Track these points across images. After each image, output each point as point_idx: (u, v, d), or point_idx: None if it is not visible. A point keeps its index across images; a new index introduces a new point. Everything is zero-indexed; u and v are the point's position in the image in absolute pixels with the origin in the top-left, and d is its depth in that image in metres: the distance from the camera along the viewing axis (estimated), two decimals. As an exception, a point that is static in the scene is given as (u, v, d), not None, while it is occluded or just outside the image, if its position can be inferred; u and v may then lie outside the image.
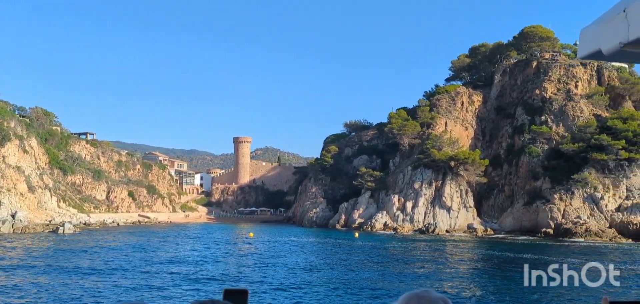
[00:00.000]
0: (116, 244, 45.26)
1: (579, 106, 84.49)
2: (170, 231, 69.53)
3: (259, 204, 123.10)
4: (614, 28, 1.70)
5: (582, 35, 2.00)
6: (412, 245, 49.60)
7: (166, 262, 33.33)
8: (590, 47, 1.91)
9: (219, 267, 30.41)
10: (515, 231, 73.16)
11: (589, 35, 1.93)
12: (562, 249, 46.97)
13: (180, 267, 30.31)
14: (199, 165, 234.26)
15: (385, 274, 29.08)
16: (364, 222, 77.70)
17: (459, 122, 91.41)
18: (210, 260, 34.26)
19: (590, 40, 1.91)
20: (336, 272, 29.86)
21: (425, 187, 78.06)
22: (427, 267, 32.65)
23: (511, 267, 33.90)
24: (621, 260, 39.93)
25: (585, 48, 1.95)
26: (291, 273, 28.74)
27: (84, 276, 25.63)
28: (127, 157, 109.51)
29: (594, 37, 1.88)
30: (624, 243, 54.85)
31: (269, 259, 35.80)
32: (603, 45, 1.80)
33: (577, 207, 68.75)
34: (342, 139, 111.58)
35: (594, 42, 1.88)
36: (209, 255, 37.09)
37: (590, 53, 1.93)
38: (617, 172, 71.87)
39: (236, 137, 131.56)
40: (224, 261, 34.19)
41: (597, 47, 1.84)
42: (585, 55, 1.99)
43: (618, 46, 1.69)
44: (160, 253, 38.51)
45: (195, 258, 35.52)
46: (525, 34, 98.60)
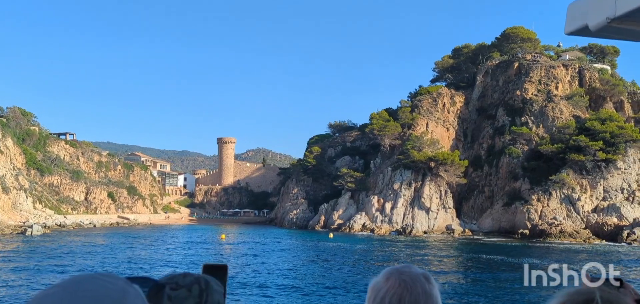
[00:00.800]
0: (82, 245, 44.43)
1: (559, 107, 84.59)
2: (146, 232, 68.63)
3: (242, 206, 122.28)
4: (601, 3, 1.69)
5: (569, 10, 1.94)
6: (383, 246, 49.16)
7: (123, 263, 32.62)
8: (578, 22, 1.86)
9: (171, 270, 29.75)
10: (494, 232, 73.03)
11: (576, 10, 1.89)
12: (532, 251, 46.75)
13: (133, 270, 29.60)
14: (190, 166, 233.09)
15: (337, 276, 28.56)
16: (343, 224, 77.26)
17: (441, 123, 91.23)
18: (166, 263, 33.57)
19: (577, 16, 1.87)
20: (290, 272, 29.31)
21: (404, 188, 77.73)
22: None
23: (475, 267, 33.55)
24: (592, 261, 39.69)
25: (573, 24, 1.90)
26: (247, 275, 28.18)
27: (19, 275, 24.88)
28: (108, 158, 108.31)
29: (581, 13, 1.84)
30: (597, 244, 54.76)
31: (230, 260, 35.15)
32: (590, 20, 1.76)
33: (554, 208, 68.71)
34: (326, 140, 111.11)
35: (581, 18, 1.83)
36: (167, 258, 36.38)
37: (577, 29, 1.88)
38: (595, 173, 71.92)
39: (220, 137, 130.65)
40: (181, 263, 33.52)
41: (585, 23, 1.80)
42: (572, 31, 1.93)
43: (605, 21, 1.67)
44: (120, 254, 37.76)
45: (152, 260, 34.81)
46: (507, 35, 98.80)
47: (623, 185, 70.31)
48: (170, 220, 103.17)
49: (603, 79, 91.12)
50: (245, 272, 29.11)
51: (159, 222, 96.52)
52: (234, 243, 50.33)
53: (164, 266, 32.31)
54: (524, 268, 40.03)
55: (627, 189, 69.84)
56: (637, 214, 64.30)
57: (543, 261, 36.29)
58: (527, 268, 39.30)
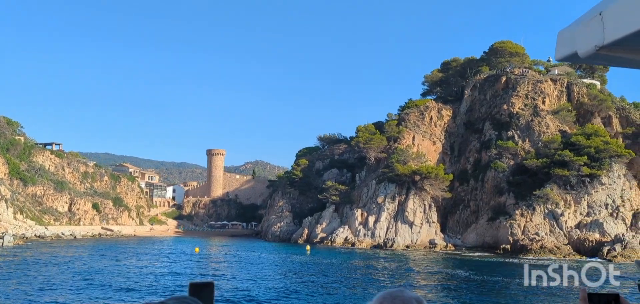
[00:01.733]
0: (50, 257, 43.60)
1: (545, 122, 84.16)
2: (123, 244, 67.69)
3: (231, 218, 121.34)
4: (590, 31, 1.73)
5: (559, 37, 1.99)
6: (360, 261, 48.31)
7: (77, 274, 31.83)
8: (567, 49, 1.92)
9: (130, 283, 28.98)
10: (477, 247, 72.17)
11: (565, 37, 1.94)
12: (508, 267, 45.91)
13: (86, 284, 28.81)
14: (188, 177, 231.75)
15: (297, 291, 27.79)
16: (325, 237, 76.37)
17: (427, 137, 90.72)
18: (128, 276, 32.77)
19: (567, 43, 1.92)
20: (252, 286, 28.54)
21: (388, 201, 76.98)
22: (352, 285, 31.39)
23: (445, 283, 32.75)
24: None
25: (562, 50, 1.96)
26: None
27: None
28: (95, 169, 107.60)
29: (570, 40, 1.89)
30: (577, 260, 53.85)
31: (192, 274, 34.38)
32: (579, 47, 1.81)
33: (538, 223, 67.93)
34: (315, 153, 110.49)
35: (570, 45, 1.89)
36: (126, 271, 35.56)
37: (567, 55, 1.94)
38: (579, 188, 71.25)
39: (209, 149, 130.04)
40: (139, 276, 32.72)
41: (574, 50, 1.85)
42: (562, 58, 1.99)
43: (593, 49, 1.71)
44: (82, 266, 36.95)
45: (113, 273, 34.00)
46: (495, 49, 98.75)
47: (607, 201, 69.63)
48: (154, 232, 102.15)
49: (591, 94, 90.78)
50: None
51: (143, 234, 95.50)
52: (206, 256, 49.49)
53: (123, 279, 31.52)
54: (524, 268, 39.17)
55: (611, 205, 69.13)
56: (620, 230, 63.55)
57: (513, 279, 35.55)
58: (527, 268, 38.40)
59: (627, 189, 70.92)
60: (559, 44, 2.03)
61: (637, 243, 56.89)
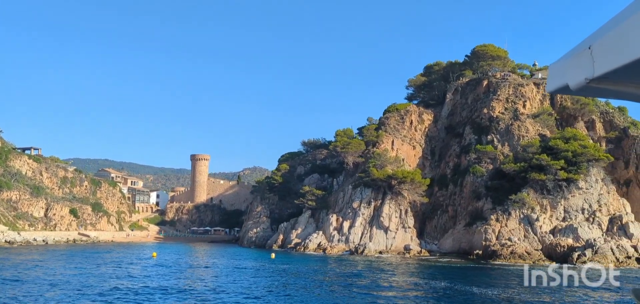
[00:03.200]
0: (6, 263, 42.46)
1: (525, 126, 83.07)
2: (91, 250, 66.48)
3: (214, 224, 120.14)
4: (580, 64, 1.77)
5: (550, 70, 2.02)
6: (323, 267, 47.09)
7: (8, 283, 30.69)
8: (559, 82, 1.96)
9: (64, 287, 27.87)
10: (453, 252, 70.89)
11: (557, 70, 1.97)
12: (473, 273, 44.70)
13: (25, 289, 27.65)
14: (184, 183, 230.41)
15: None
16: (299, 243, 75.10)
17: (407, 141, 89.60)
18: (55, 284, 31.60)
19: (558, 76, 1.97)
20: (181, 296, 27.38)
21: (364, 206, 75.78)
22: (287, 293, 30.18)
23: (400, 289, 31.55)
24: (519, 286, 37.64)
25: (554, 82, 2.00)
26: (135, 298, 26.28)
27: None
28: (74, 174, 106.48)
29: (561, 73, 1.93)
30: (546, 265, 52.54)
31: (131, 281, 33.21)
32: (570, 80, 1.87)
33: (512, 228, 66.69)
34: (297, 158, 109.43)
35: (561, 77, 1.93)
36: (71, 277, 34.40)
37: (558, 87, 1.97)
38: (556, 193, 70.04)
39: (193, 154, 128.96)
40: (79, 280, 31.56)
41: (565, 82, 1.90)
42: (553, 90, 2.03)
43: (584, 82, 1.76)
44: (23, 273, 35.77)
45: (51, 281, 32.81)
46: (477, 52, 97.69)
47: (584, 205, 68.40)
48: (132, 238, 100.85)
49: (574, 98, 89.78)
50: (131, 293, 27.17)
51: (120, 240, 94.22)
52: (161, 262, 48.30)
53: (53, 287, 30.35)
54: (524, 268, 37.94)
55: (587, 210, 67.90)
56: (595, 235, 62.29)
57: (469, 287, 34.35)
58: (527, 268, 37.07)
59: (604, 193, 69.69)
60: (551, 76, 2.02)
61: (609, 248, 55.64)
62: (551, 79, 2.05)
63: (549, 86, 2.07)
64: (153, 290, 28.03)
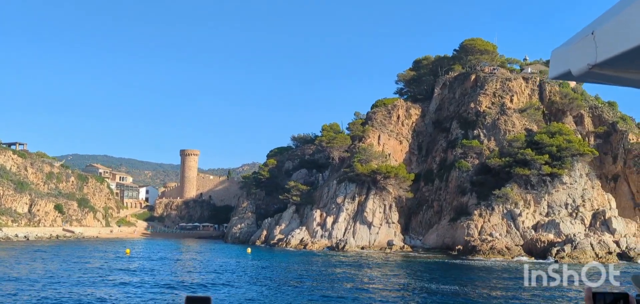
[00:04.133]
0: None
1: (511, 120, 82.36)
2: (74, 246, 65.82)
3: (203, 219, 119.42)
4: (583, 50, 1.79)
5: (553, 56, 2.04)
6: (299, 264, 46.42)
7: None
8: (561, 68, 1.98)
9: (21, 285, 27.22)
10: (436, 248, 70.30)
11: (559, 56, 1.99)
12: (444, 269, 44.05)
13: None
14: (177, 179, 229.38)
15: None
16: (282, 238, 74.47)
17: (394, 136, 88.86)
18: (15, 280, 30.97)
19: (560, 62, 1.98)
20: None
21: (348, 201, 75.12)
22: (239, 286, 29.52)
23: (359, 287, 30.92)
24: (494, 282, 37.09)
25: (556, 69, 2.01)
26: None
27: None
28: (61, 169, 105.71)
29: (564, 59, 1.94)
30: (524, 261, 51.97)
31: (93, 279, 32.58)
32: (573, 66, 1.88)
33: (495, 223, 66.09)
34: (286, 153, 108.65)
35: (564, 64, 1.94)
36: (31, 275, 33.75)
37: (561, 73, 2.00)
38: (540, 188, 69.46)
39: (183, 149, 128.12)
40: (39, 279, 30.92)
41: (567, 68, 1.92)
42: (556, 76, 2.05)
43: (586, 67, 1.78)
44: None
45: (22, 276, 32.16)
46: (465, 47, 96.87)
47: (567, 200, 67.83)
48: (118, 234, 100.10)
49: (562, 92, 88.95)
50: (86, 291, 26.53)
51: (105, 236, 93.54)
52: (135, 257, 47.70)
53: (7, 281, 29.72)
54: (524, 268, 37.37)
55: (571, 205, 67.32)
56: (577, 230, 61.72)
57: (438, 285, 33.73)
58: (527, 268, 36.40)
59: (588, 188, 69.10)
60: (553, 62, 2.00)
61: (588, 243, 55.03)
62: (554, 65, 2.03)
63: (552, 72, 2.06)
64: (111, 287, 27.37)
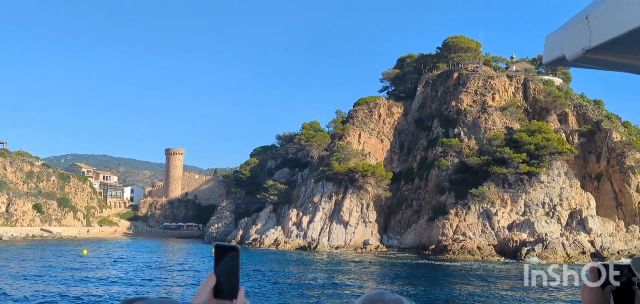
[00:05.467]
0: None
1: (492, 118, 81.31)
2: (42, 246, 64.83)
3: (188, 219, 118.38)
4: (577, 35, 1.79)
5: (547, 41, 2.04)
6: (261, 264, 45.41)
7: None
8: (555, 53, 1.97)
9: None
10: (413, 247, 69.28)
11: (553, 41, 1.99)
12: (408, 269, 43.08)
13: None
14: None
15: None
16: (258, 238, 73.47)
17: (375, 135, 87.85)
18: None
19: (554, 47, 1.97)
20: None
21: (324, 201, 74.13)
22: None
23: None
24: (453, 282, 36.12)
25: (550, 54, 2.01)
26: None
27: None
28: (41, 168, 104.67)
29: (558, 44, 1.94)
30: (494, 261, 50.98)
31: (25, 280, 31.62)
32: (567, 51, 1.87)
33: (470, 223, 65.08)
34: (269, 152, 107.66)
35: (558, 49, 1.94)
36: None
37: (554, 59, 1.98)
38: (517, 187, 68.45)
39: (168, 148, 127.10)
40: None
41: (561, 53, 1.91)
42: (550, 61, 2.03)
43: (580, 52, 1.77)
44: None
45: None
46: (448, 44, 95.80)
47: (545, 199, 66.82)
48: (99, 234, 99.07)
49: (546, 90, 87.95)
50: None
51: (83, 236, 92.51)
52: (91, 257, 46.75)
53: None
54: (524, 268, 36.40)
55: (548, 204, 66.31)
56: (553, 230, 60.70)
57: (375, 285, 32.70)
58: (527, 268, 35.26)
59: (567, 187, 68.08)
60: (547, 48, 1.99)
61: (560, 243, 54.02)
62: (547, 50, 1.99)
63: (546, 58, 2.02)
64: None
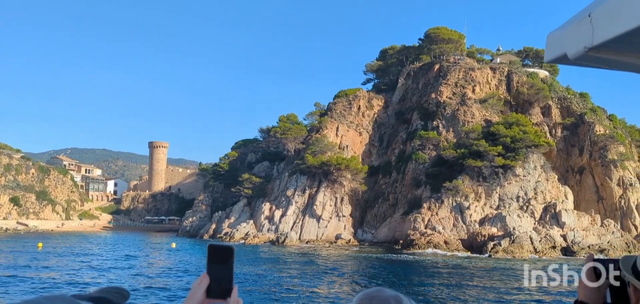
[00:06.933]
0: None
1: (471, 111, 79.91)
2: (8, 240, 63.80)
3: (171, 213, 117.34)
4: (579, 32, 1.77)
5: (549, 39, 2.01)
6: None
7: None
8: (557, 51, 1.94)
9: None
10: (386, 242, 68.10)
11: (555, 39, 1.97)
12: (379, 264, 41.90)
13: None
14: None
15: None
16: (229, 232, 72.35)
17: (353, 128, 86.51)
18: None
19: (556, 45, 1.95)
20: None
21: (298, 194, 72.95)
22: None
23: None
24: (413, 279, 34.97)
25: (552, 52, 1.98)
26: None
27: None
28: (20, 161, 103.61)
29: (560, 42, 1.92)
30: (460, 256, 49.76)
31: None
32: (568, 49, 1.85)
33: (443, 216, 63.86)
34: (250, 145, 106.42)
35: (560, 47, 1.91)
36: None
37: (556, 57, 1.96)
38: (492, 180, 67.17)
39: (151, 141, 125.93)
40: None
41: (563, 51, 1.89)
42: (551, 59, 2.00)
43: (583, 50, 1.75)
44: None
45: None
46: (430, 35, 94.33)
47: (519, 193, 65.54)
48: (78, 227, 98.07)
49: (529, 83, 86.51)
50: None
51: (60, 230, 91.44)
52: (45, 252, 45.68)
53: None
54: (524, 268, 35.35)
55: (523, 198, 65.04)
56: (525, 224, 59.45)
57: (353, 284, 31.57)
58: (527, 267, 34.24)
59: (542, 180, 66.79)
60: (549, 45, 1.97)
61: (528, 237, 52.81)
62: (549, 48, 1.95)
63: (547, 56, 1.98)
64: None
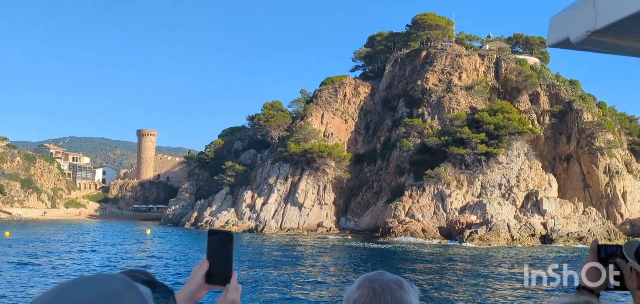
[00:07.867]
0: None
1: (457, 98, 79.00)
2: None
3: (159, 201, 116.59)
4: (582, 16, 1.76)
5: (551, 23, 2.00)
6: (187, 249, 43.63)
7: None
8: (559, 35, 1.94)
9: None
10: (368, 230, 67.48)
11: (557, 23, 1.96)
12: (352, 252, 41.25)
13: None
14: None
15: None
16: (210, 220, 71.73)
17: (339, 115, 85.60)
18: None
19: (559, 29, 1.94)
20: None
21: (280, 182, 72.24)
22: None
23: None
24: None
25: (554, 36, 1.97)
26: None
27: None
28: (6, 149, 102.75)
29: (562, 25, 1.91)
30: (434, 244, 49.14)
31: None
32: (571, 33, 1.85)
33: (424, 204, 63.20)
34: (237, 133, 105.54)
35: (562, 30, 1.91)
36: None
37: (558, 41, 1.95)
38: (474, 167, 66.44)
39: (140, 129, 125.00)
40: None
41: (566, 35, 1.89)
42: (553, 43, 1.99)
43: (586, 34, 1.74)
44: None
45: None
46: (417, 21, 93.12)
47: (502, 181, 64.85)
48: (62, 215, 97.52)
49: (517, 70, 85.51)
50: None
51: (43, 218, 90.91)
52: (14, 240, 45.06)
53: None
54: (524, 268, 34.77)
55: (505, 186, 64.36)
56: (506, 212, 58.83)
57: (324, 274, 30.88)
58: (527, 267, 33.69)
59: (526, 168, 66.07)
60: (551, 29, 1.95)
61: (505, 225, 52.20)
62: (552, 32, 1.92)
63: (550, 40, 1.95)
64: None
